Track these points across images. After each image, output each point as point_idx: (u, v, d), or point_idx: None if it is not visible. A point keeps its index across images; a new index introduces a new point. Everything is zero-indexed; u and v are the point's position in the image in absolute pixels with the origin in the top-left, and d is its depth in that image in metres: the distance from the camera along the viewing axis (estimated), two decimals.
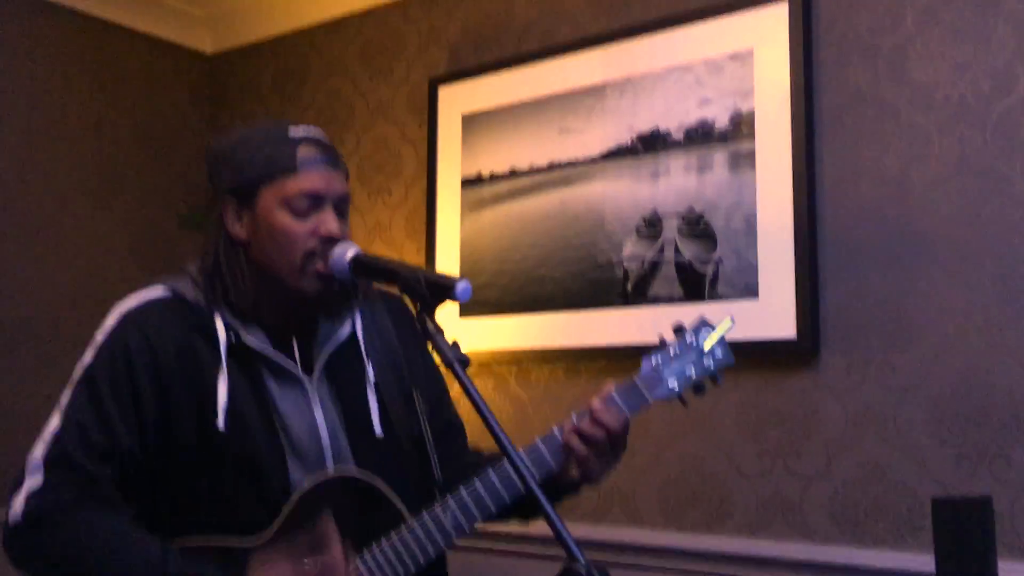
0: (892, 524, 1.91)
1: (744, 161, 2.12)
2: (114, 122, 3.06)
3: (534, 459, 1.44)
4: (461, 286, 1.31)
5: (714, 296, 2.13)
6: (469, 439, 1.69)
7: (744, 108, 2.13)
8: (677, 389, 1.48)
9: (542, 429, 1.47)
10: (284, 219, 1.44)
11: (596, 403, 1.46)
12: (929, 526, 1.86)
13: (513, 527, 2.32)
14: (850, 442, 1.97)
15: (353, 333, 1.54)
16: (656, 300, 2.22)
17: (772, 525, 2.05)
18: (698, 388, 1.50)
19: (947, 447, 1.87)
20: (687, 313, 2.15)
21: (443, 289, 1.32)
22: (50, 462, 1.37)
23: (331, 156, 1.49)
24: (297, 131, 1.48)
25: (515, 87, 2.52)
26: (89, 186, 2.98)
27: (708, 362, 1.50)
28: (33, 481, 1.36)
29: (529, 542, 2.33)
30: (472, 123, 2.60)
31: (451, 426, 1.68)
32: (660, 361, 1.49)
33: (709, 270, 2.15)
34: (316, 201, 1.45)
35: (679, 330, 1.52)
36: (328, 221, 1.45)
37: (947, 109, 1.93)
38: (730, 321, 1.51)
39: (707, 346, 1.50)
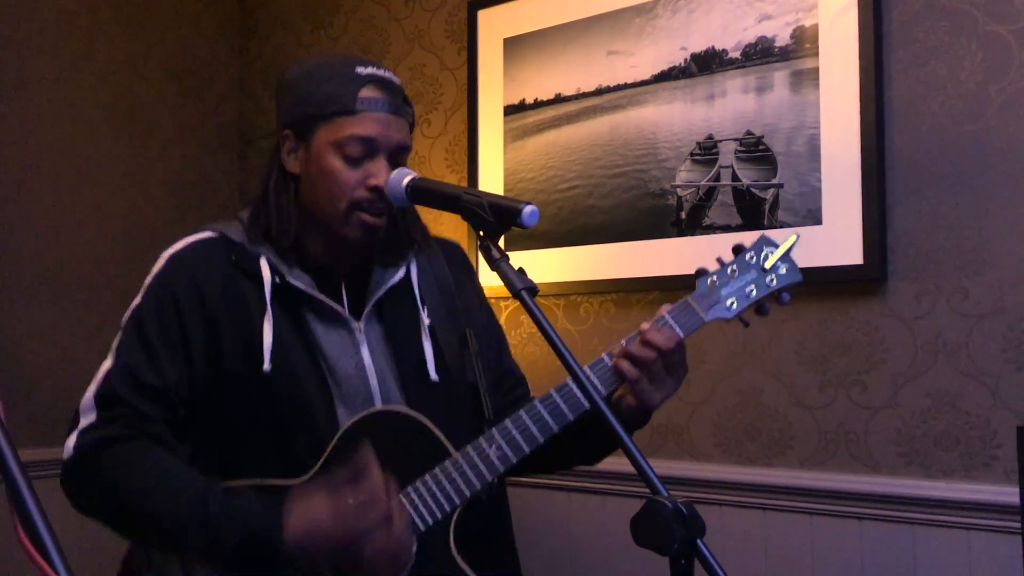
0: (963, 455, 1.85)
1: (807, 80, 2.02)
2: (144, 57, 2.98)
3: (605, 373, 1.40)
4: (528, 210, 1.25)
5: (774, 223, 2.05)
6: (536, 379, 1.65)
7: (807, 23, 2.02)
8: (736, 308, 1.39)
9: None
10: (334, 163, 1.40)
11: (646, 324, 1.39)
12: (1003, 456, 1.80)
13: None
14: (919, 371, 1.90)
15: (407, 277, 1.49)
16: (712, 228, 2.14)
17: (834, 457, 2.00)
18: (760, 308, 1.40)
19: (1022, 374, 1.79)
20: (745, 241, 2.07)
21: (509, 213, 1.25)
22: (101, 401, 1.38)
23: (395, 101, 1.43)
24: (364, 70, 1.41)
25: (559, 7, 2.40)
26: (121, 124, 2.92)
27: (771, 279, 1.40)
28: (86, 420, 1.38)
29: (604, 478, 2.30)
30: (514, 47, 2.50)
31: (509, 374, 1.64)
32: (717, 280, 1.40)
33: (769, 196, 2.06)
34: (370, 148, 1.40)
35: (738, 248, 1.43)
36: (379, 172, 1.40)
37: None
38: (795, 236, 1.42)
39: (769, 263, 1.40)
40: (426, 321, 1.48)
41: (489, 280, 2.49)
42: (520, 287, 1.20)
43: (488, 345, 1.59)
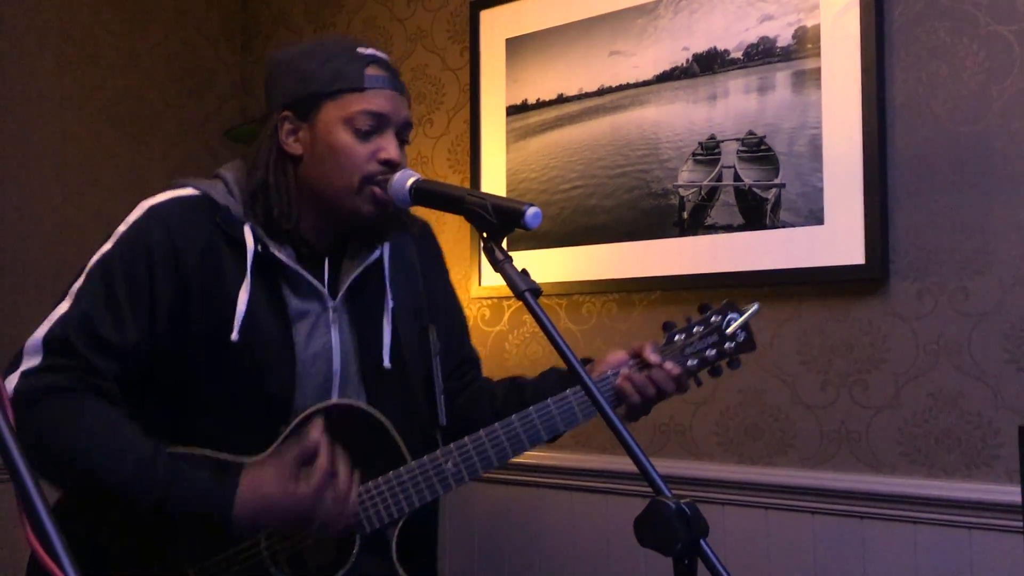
0: (965, 454, 1.85)
1: (809, 80, 2.02)
2: (147, 56, 2.99)
3: (579, 399, 1.41)
4: (531, 212, 1.25)
5: (776, 223, 2.05)
6: (539, 370, 1.65)
7: (809, 23, 2.02)
8: (694, 367, 1.49)
9: None
10: (345, 138, 1.38)
11: (654, 356, 1.45)
12: (1004, 455, 1.80)
13: (590, 461, 2.31)
14: (920, 371, 1.91)
15: (380, 258, 1.48)
16: (714, 229, 2.14)
17: (836, 456, 2.00)
18: (715, 370, 1.51)
19: None
20: (747, 241, 2.08)
21: (512, 215, 1.25)
22: (50, 345, 1.32)
23: (398, 80, 1.44)
24: (366, 50, 1.42)
25: (561, 8, 2.41)
26: (123, 124, 2.92)
27: (729, 345, 1.50)
28: (30, 361, 1.31)
29: (606, 478, 2.31)
30: (516, 47, 2.51)
31: (467, 361, 1.65)
32: (684, 338, 1.49)
33: (771, 196, 2.06)
34: (380, 123, 1.40)
35: (704, 308, 1.51)
36: (389, 146, 1.40)
37: None
38: (756, 305, 1.52)
39: (731, 330, 1.50)
40: (390, 304, 1.48)
41: (493, 280, 2.50)
42: (524, 288, 1.20)
43: (450, 337, 1.59)
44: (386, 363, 1.45)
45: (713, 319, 1.50)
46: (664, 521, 1.00)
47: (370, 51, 1.42)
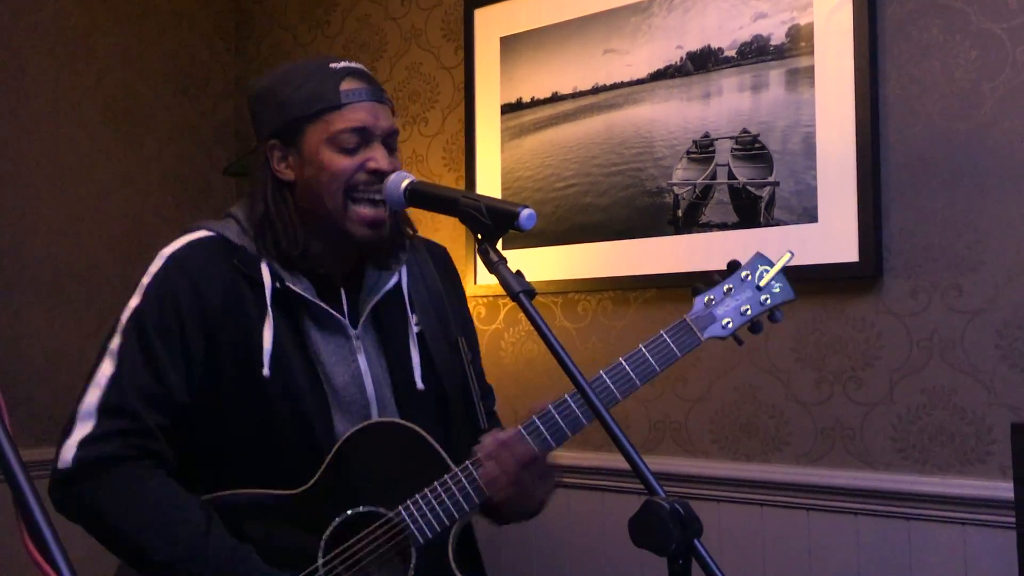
0: (958, 450, 1.86)
1: (802, 78, 2.02)
2: (141, 56, 2.98)
3: (597, 388, 1.41)
4: (525, 213, 1.26)
5: (770, 221, 2.06)
6: (533, 376, 1.66)
7: (802, 21, 2.03)
8: (732, 327, 1.41)
9: (589, 361, 1.43)
10: (331, 157, 1.39)
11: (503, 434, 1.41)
12: (997, 451, 1.81)
13: (586, 459, 2.31)
14: (914, 368, 1.92)
15: (399, 283, 1.50)
16: (709, 227, 2.15)
17: (831, 453, 2.01)
18: (755, 327, 1.43)
19: (1017, 371, 1.81)
20: (741, 239, 2.09)
21: (506, 217, 1.26)
22: (104, 409, 1.34)
23: (376, 89, 1.44)
24: (338, 64, 1.42)
25: (556, 6, 2.41)
26: (118, 123, 2.92)
27: (766, 298, 1.42)
28: (85, 428, 1.34)
29: (603, 475, 2.31)
30: (511, 46, 2.51)
31: (489, 392, 1.66)
32: (713, 298, 1.42)
33: (765, 194, 2.07)
34: (364, 137, 1.40)
35: (733, 265, 1.45)
36: (377, 156, 1.40)
37: (1022, 16, 1.81)
38: (789, 254, 1.44)
39: (764, 282, 1.43)
40: (415, 328, 1.49)
41: (489, 279, 2.51)
42: (518, 290, 1.21)
43: (473, 353, 1.60)
44: (419, 385, 1.46)
45: (744, 274, 1.43)
46: (658, 522, 1.01)
47: (342, 64, 1.42)
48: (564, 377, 1.15)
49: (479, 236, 1.28)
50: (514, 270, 1.24)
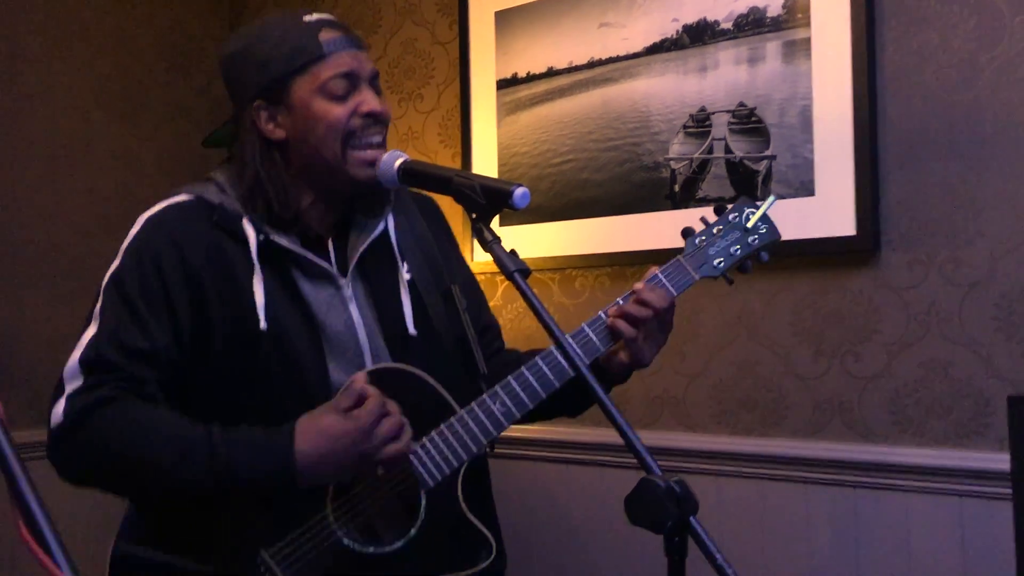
0: (955, 423, 1.87)
1: (799, 50, 2.01)
2: (134, 33, 2.96)
3: (581, 343, 1.43)
4: (519, 192, 1.25)
5: (767, 195, 2.04)
6: (526, 349, 1.66)
7: None
8: (723, 266, 1.49)
9: None
10: (323, 105, 1.39)
11: (640, 284, 1.47)
12: (995, 424, 1.82)
13: (584, 434, 2.33)
14: (911, 341, 1.92)
15: (385, 231, 1.49)
16: (706, 201, 2.14)
17: (829, 427, 2.02)
18: (743, 267, 1.52)
19: (1014, 343, 1.81)
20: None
21: (500, 195, 1.26)
22: (87, 365, 1.34)
23: (352, 35, 1.44)
24: (312, 17, 1.42)
25: None
26: (113, 103, 2.90)
27: (753, 239, 1.51)
28: (72, 386, 1.34)
29: (601, 450, 2.32)
30: (506, 20, 2.48)
31: (489, 329, 1.67)
32: (705, 239, 1.50)
33: (762, 167, 2.06)
34: (352, 81, 1.41)
35: (720, 208, 1.52)
36: (368, 99, 1.41)
37: None
38: (773, 197, 1.53)
39: (751, 223, 1.51)
40: (406, 276, 1.49)
41: (485, 256, 2.50)
42: (513, 269, 1.21)
43: (470, 305, 1.59)
44: (411, 331, 1.46)
45: (732, 216, 1.51)
46: (654, 500, 1.01)
47: (315, 17, 1.43)
48: None
49: (473, 215, 1.28)
50: (509, 248, 1.24)
